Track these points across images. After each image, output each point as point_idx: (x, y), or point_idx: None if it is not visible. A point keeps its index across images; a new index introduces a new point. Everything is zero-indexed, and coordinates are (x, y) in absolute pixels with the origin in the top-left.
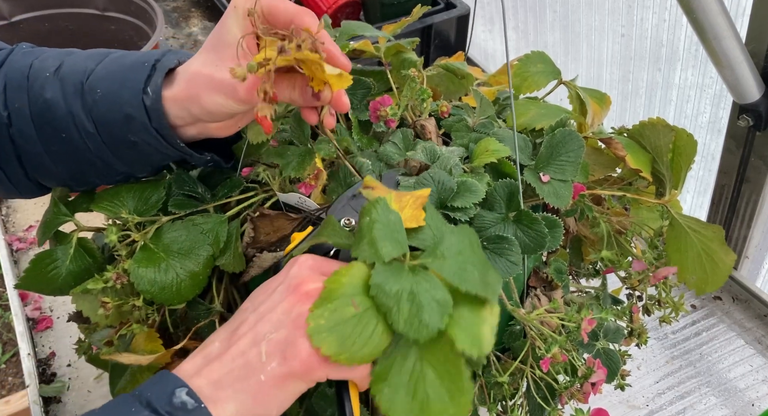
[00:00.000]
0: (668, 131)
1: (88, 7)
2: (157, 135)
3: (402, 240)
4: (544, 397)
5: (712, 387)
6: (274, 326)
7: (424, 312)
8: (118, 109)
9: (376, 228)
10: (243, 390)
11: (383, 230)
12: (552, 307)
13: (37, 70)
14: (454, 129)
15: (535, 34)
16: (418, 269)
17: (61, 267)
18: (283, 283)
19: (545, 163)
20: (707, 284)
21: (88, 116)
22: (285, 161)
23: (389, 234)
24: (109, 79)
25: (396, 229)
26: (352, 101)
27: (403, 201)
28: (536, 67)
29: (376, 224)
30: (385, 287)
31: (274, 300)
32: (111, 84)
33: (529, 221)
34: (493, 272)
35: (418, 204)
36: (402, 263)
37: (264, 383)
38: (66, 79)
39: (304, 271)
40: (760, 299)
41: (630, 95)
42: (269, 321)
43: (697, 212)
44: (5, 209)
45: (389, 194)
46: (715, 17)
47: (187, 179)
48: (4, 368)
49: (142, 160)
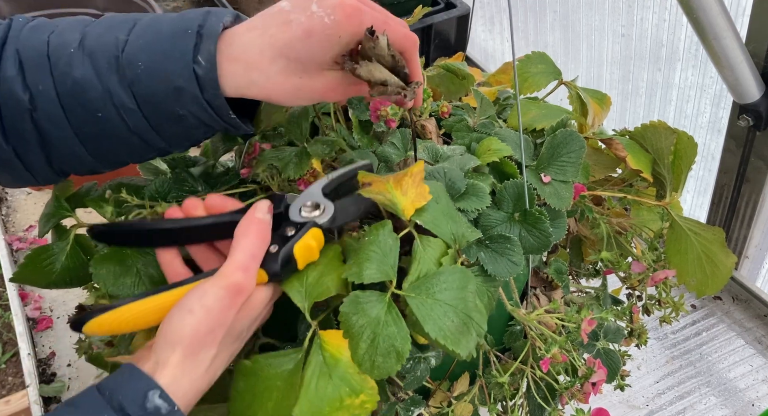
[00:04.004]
0: (670, 134)
1: (88, 7)
2: (208, 106)
3: (390, 267)
4: (544, 397)
5: (712, 387)
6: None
7: (378, 356)
8: (166, 82)
9: (371, 250)
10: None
11: (375, 253)
12: (552, 307)
13: (58, 47)
14: (455, 129)
15: (535, 34)
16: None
17: (56, 263)
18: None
19: (546, 163)
20: (707, 286)
21: (128, 92)
22: (284, 162)
23: (379, 258)
24: (150, 51)
25: (388, 254)
26: (352, 101)
27: (404, 184)
28: (537, 67)
29: (371, 245)
30: (351, 318)
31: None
32: (153, 55)
33: (534, 221)
34: (476, 326)
35: (418, 181)
36: (383, 293)
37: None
38: (95, 54)
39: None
40: (760, 299)
41: (630, 95)
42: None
43: (697, 211)
44: (5, 209)
45: (388, 182)
46: (715, 17)
47: (188, 176)
48: (4, 368)
49: (183, 134)
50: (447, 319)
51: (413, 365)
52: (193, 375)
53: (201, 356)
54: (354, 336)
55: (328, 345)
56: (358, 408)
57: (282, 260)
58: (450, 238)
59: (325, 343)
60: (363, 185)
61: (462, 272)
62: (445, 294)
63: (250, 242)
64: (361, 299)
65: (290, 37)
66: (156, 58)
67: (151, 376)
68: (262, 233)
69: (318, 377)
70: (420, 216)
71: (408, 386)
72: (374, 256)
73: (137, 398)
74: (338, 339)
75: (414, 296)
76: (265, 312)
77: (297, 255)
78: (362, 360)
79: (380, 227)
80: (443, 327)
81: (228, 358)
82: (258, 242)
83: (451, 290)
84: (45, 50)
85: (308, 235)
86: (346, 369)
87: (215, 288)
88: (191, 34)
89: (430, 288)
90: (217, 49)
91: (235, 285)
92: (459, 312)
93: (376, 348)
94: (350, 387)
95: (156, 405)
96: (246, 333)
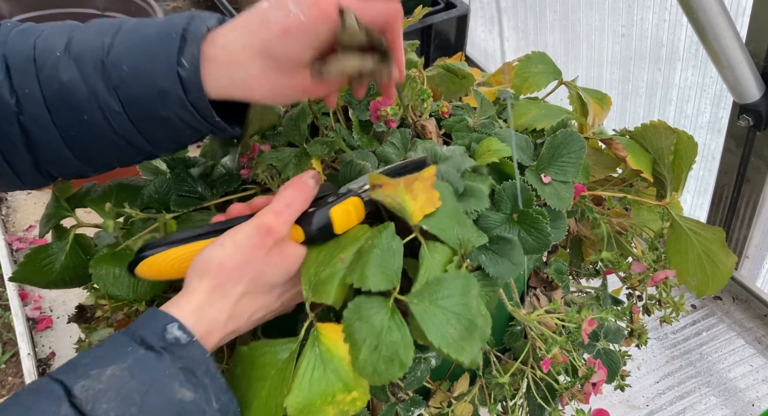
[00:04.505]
0: (670, 133)
1: (88, 6)
2: (192, 109)
3: (394, 273)
4: (544, 398)
5: (712, 387)
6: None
7: (380, 363)
8: (151, 84)
9: (374, 254)
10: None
11: (379, 258)
12: (552, 308)
13: (44, 51)
14: (455, 129)
15: (535, 34)
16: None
17: (55, 262)
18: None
19: (546, 164)
20: (707, 286)
21: (114, 95)
22: (283, 163)
23: (383, 263)
24: (135, 54)
25: (392, 259)
26: (352, 101)
27: (414, 189)
28: (537, 67)
29: (375, 249)
30: (354, 324)
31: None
32: (138, 58)
33: (533, 222)
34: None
35: (428, 186)
36: (386, 299)
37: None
38: (82, 57)
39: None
40: (760, 299)
41: (630, 95)
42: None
43: (697, 211)
44: (5, 209)
45: (398, 185)
46: (715, 17)
47: (188, 177)
48: (4, 368)
49: (169, 137)
50: (450, 326)
51: (413, 365)
52: (219, 306)
53: (228, 289)
54: (356, 342)
55: (325, 339)
56: (348, 404)
57: (317, 219)
58: (456, 243)
59: (322, 336)
60: (374, 186)
61: (465, 278)
62: (448, 301)
63: (288, 193)
64: (364, 305)
65: (269, 35)
66: (141, 61)
67: (172, 313)
68: (302, 189)
69: (313, 370)
70: (426, 220)
71: (408, 386)
72: (378, 261)
73: (157, 330)
74: (336, 333)
75: (417, 303)
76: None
77: (334, 217)
78: (363, 366)
79: (383, 230)
80: (446, 334)
81: (257, 307)
82: (296, 194)
83: (454, 296)
84: (31, 54)
85: (347, 201)
86: (340, 365)
87: (247, 227)
88: (175, 37)
89: (433, 295)
90: (201, 52)
91: (266, 225)
92: (462, 319)
93: (378, 355)
94: (344, 382)
95: (176, 335)
96: (280, 289)
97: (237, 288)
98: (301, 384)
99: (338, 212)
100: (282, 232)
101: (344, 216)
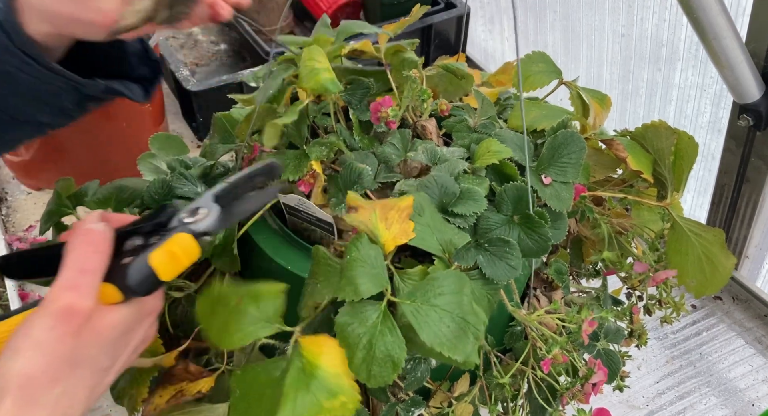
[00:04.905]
0: (670, 134)
1: None
2: (24, 55)
3: (381, 276)
4: (545, 398)
5: (712, 387)
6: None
7: (374, 365)
8: None
9: (357, 266)
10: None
11: (363, 267)
12: (552, 308)
13: None
14: (456, 130)
15: (535, 34)
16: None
17: None
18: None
19: (547, 164)
20: (707, 287)
21: None
22: (283, 164)
23: (368, 271)
24: None
25: (376, 265)
26: (352, 102)
27: (390, 218)
28: (537, 66)
29: (356, 262)
30: (347, 329)
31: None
32: None
33: (534, 225)
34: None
35: (404, 217)
36: (378, 302)
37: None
38: None
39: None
40: (760, 299)
41: (630, 95)
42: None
43: (698, 211)
44: (5, 209)
45: (374, 212)
46: (715, 17)
47: (188, 177)
48: None
49: (28, 96)
50: (443, 325)
51: (413, 366)
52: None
53: (40, 398)
54: (350, 346)
55: (306, 352)
56: (339, 409)
57: (134, 273)
58: (438, 249)
59: (303, 350)
60: (350, 209)
61: (456, 276)
62: (440, 299)
63: (76, 256)
64: (357, 309)
65: None
66: None
67: None
68: (93, 244)
69: (297, 384)
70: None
71: (408, 386)
72: (363, 270)
73: None
74: (316, 345)
75: (409, 303)
76: (148, 329)
77: (156, 265)
78: (359, 369)
79: (357, 242)
80: (439, 333)
81: (88, 391)
82: (88, 253)
83: (446, 294)
84: None
85: (171, 241)
86: (323, 374)
87: (42, 318)
88: None
89: (425, 294)
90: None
91: (64, 308)
92: (455, 317)
93: (372, 358)
94: (328, 390)
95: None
96: (108, 362)
97: (53, 391)
98: (287, 399)
99: (160, 258)
100: (86, 307)
101: (169, 261)
